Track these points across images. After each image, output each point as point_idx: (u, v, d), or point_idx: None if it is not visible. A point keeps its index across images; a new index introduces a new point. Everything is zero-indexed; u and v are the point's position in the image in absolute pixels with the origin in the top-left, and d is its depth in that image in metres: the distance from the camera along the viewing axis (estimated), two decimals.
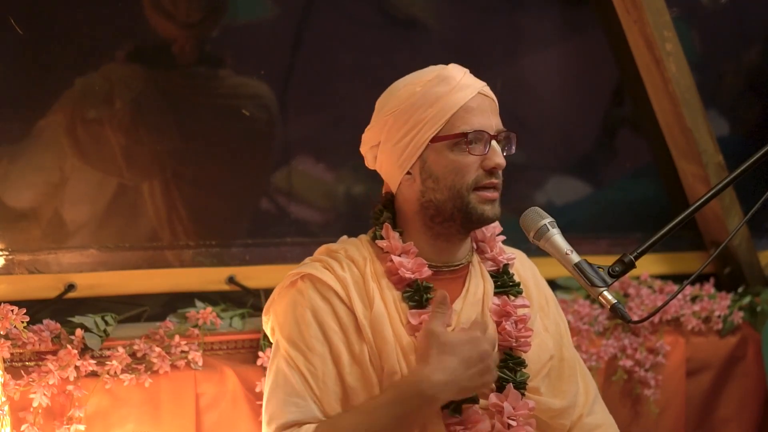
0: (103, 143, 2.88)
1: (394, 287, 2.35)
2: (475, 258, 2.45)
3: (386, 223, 2.39)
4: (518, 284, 2.45)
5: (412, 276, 2.34)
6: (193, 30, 2.97)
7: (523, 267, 2.52)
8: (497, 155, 2.32)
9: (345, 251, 2.39)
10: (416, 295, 2.34)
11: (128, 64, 2.93)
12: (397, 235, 2.38)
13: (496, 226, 2.48)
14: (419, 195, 2.36)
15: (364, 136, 2.43)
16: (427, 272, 2.35)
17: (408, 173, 2.36)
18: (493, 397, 2.32)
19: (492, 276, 2.44)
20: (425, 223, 2.37)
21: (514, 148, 2.38)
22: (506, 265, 2.46)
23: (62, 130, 2.83)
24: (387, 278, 2.36)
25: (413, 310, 2.33)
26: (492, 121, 2.34)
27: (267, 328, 2.43)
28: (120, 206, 2.93)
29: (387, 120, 2.37)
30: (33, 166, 2.84)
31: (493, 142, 2.32)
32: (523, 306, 2.41)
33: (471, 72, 2.37)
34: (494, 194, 2.33)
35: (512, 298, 2.41)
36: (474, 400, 2.31)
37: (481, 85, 2.36)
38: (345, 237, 2.46)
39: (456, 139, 2.31)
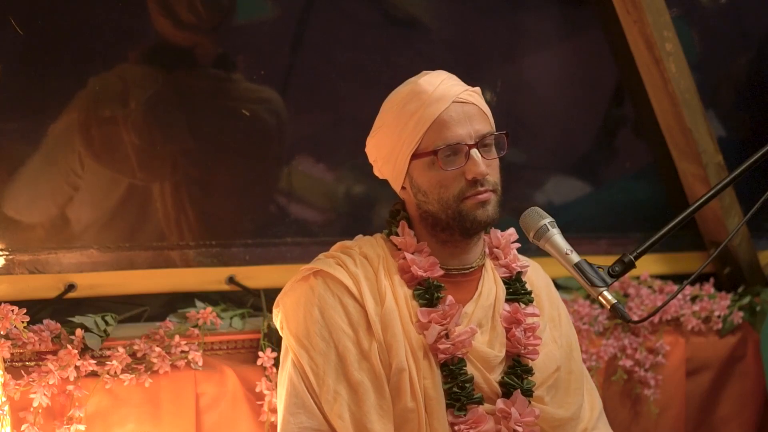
0: (117, 143, 2.87)
1: (406, 285, 2.36)
2: (489, 263, 2.46)
3: (403, 221, 2.41)
4: (530, 292, 2.46)
5: (424, 274, 2.36)
6: (212, 34, 2.97)
7: (538, 277, 2.53)
8: (476, 165, 2.30)
9: (359, 248, 2.42)
10: (427, 293, 2.35)
11: (141, 64, 2.92)
12: (412, 233, 2.40)
13: (511, 234, 2.50)
14: (416, 207, 2.38)
15: (366, 151, 2.47)
16: (438, 272, 2.37)
17: (403, 187, 2.38)
18: (500, 403, 2.33)
19: (504, 282, 2.45)
20: (428, 231, 2.40)
21: (506, 148, 2.37)
22: (519, 273, 2.47)
23: (76, 129, 2.82)
24: (399, 275, 2.37)
25: (423, 309, 2.34)
26: (470, 129, 2.32)
27: (277, 321, 2.46)
28: (126, 207, 2.92)
29: (375, 139, 2.41)
30: (48, 167, 2.82)
31: (473, 152, 2.30)
32: (533, 315, 2.42)
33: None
34: (485, 196, 2.33)
35: (523, 305, 2.43)
36: (479, 401, 2.31)
37: (456, 93, 2.33)
38: (360, 235, 2.48)
39: (430, 156, 2.31)
